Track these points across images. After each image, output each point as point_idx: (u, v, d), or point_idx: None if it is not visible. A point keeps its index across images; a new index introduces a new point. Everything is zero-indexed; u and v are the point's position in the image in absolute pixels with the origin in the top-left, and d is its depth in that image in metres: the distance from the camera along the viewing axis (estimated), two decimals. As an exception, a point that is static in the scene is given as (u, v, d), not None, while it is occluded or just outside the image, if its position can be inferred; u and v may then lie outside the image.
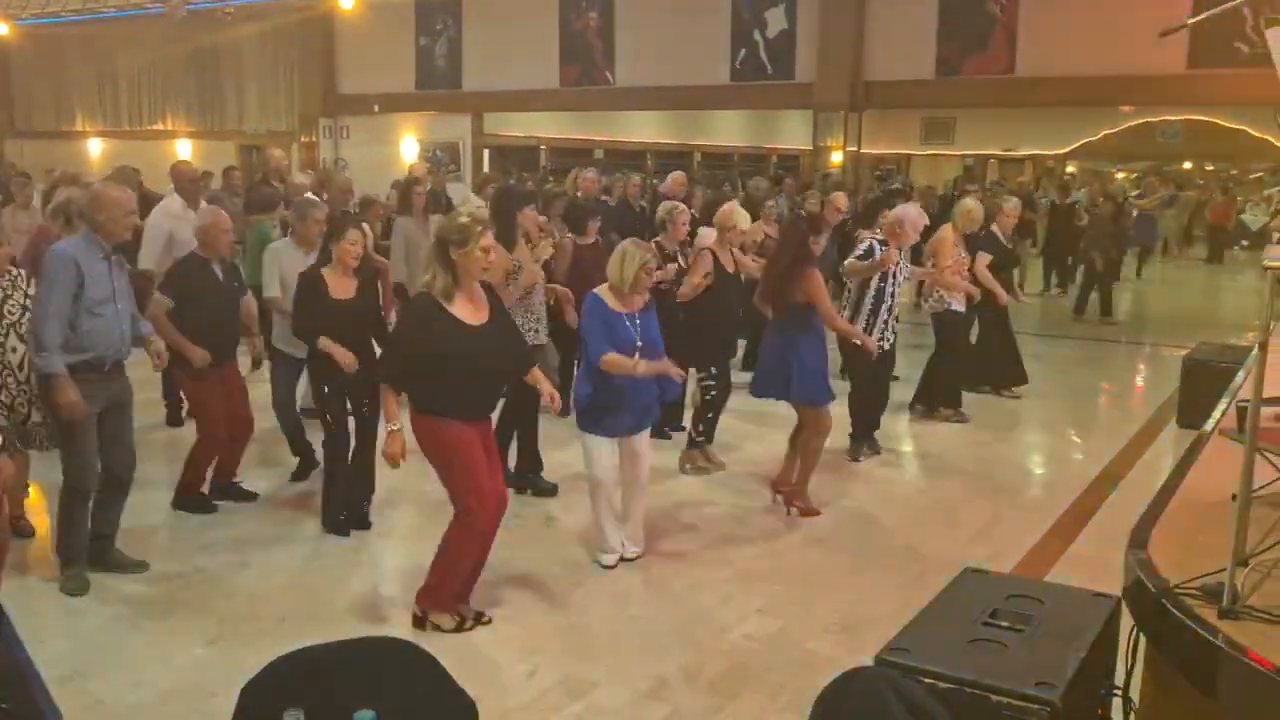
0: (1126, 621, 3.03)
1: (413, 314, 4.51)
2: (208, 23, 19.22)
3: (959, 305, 8.12)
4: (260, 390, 6.66)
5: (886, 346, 7.13)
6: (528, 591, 5.02)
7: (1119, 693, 3.26)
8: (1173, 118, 20.98)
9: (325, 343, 5.47)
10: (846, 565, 5.45)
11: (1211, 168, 29.72)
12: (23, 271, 5.30)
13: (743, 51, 16.46)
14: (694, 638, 4.57)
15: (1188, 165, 30.05)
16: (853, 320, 6.97)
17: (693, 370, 6.68)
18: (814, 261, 6.15)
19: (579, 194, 9.35)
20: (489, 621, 4.63)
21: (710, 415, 6.87)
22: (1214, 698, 2.48)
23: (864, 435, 7.26)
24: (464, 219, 4.46)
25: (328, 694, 2.15)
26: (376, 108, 19.67)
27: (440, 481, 4.57)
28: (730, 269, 6.82)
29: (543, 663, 4.32)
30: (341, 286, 5.56)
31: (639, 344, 5.13)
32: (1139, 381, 10.88)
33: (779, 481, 6.28)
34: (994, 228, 8.82)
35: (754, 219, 9.60)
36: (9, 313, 5.06)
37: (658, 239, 7.61)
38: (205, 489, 6.08)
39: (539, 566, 5.28)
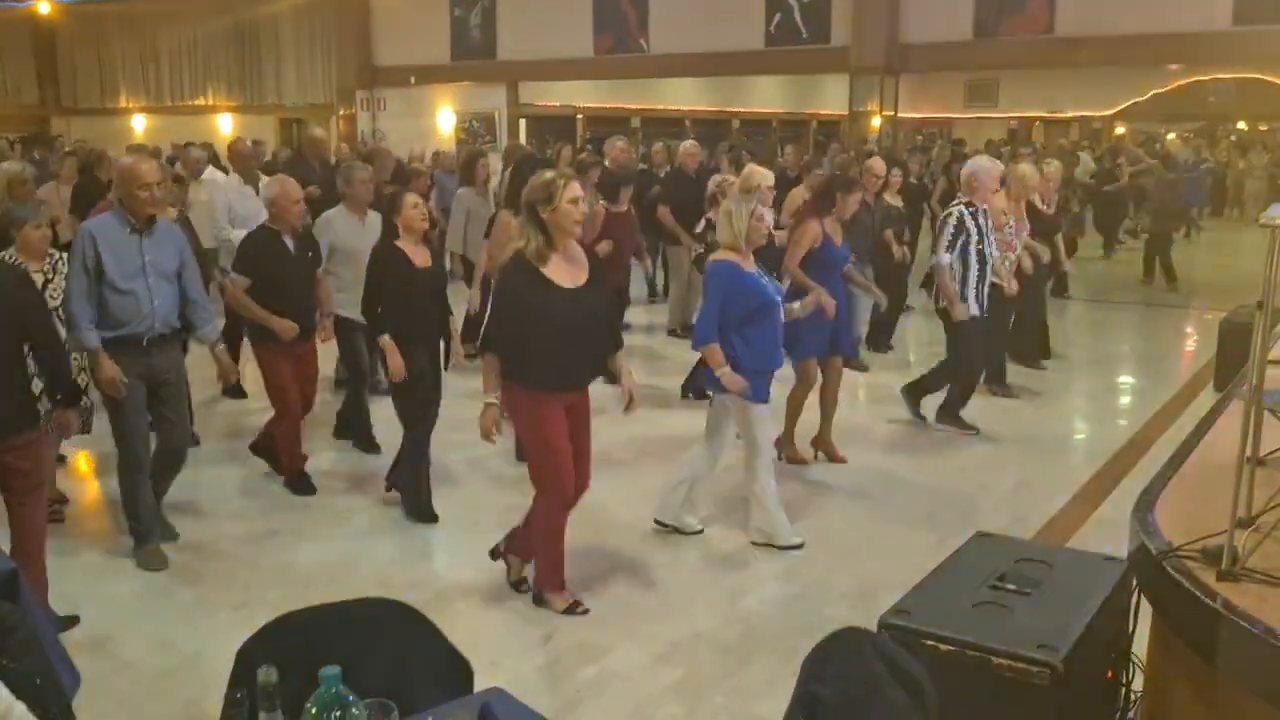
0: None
1: (507, 278, 4.27)
2: (245, -3, 19.40)
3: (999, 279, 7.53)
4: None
5: (977, 312, 6.86)
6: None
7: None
8: (1224, 76, 20.47)
9: (387, 343, 5.26)
10: (867, 532, 5.43)
11: (1265, 127, 28.97)
12: (63, 255, 5.23)
13: (777, 16, 16.27)
14: (709, 604, 4.60)
15: (1242, 125, 29.34)
16: (962, 288, 6.75)
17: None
18: (820, 214, 6.21)
19: (608, 163, 9.38)
20: (586, 611, 4.50)
21: None
22: (1211, 659, 2.46)
23: (955, 413, 7.10)
24: (547, 175, 4.27)
25: (322, 653, 2.18)
26: (413, 79, 19.72)
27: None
28: None
29: (559, 627, 4.36)
30: (419, 256, 5.37)
31: (779, 298, 5.09)
32: (1181, 345, 10.70)
33: (817, 439, 6.43)
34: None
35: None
36: (50, 297, 5.01)
37: (709, 215, 7.59)
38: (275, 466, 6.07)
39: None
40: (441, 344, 5.64)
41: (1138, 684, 3.21)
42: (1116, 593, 3.10)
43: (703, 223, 7.97)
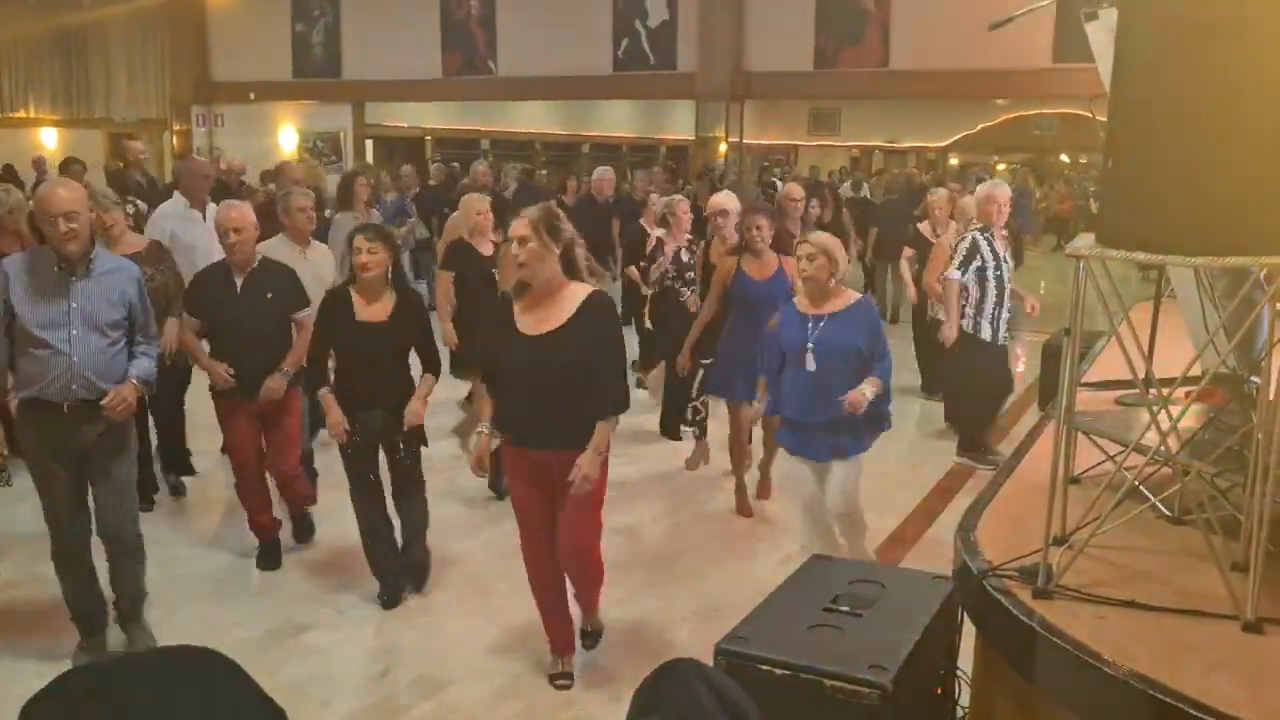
0: (963, 603, 3.08)
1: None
2: (71, 3, 18.45)
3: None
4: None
5: (1001, 342, 6.82)
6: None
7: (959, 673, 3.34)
8: (1046, 111, 21.67)
9: (325, 397, 4.65)
10: (708, 556, 5.45)
11: (1085, 160, 30.84)
12: None
13: (625, 41, 16.46)
14: (552, 632, 4.52)
15: (1064, 158, 31.17)
16: (977, 315, 6.67)
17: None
18: (738, 249, 6.12)
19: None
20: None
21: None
22: (1030, 675, 2.53)
23: (973, 444, 7.08)
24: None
25: (113, 707, 2.01)
26: (253, 95, 19.13)
27: None
28: None
29: (395, 662, 4.23)
30: (369, 308, 4.67)
31: (810, 345, 4.51)
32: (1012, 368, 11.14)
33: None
34: (921, 225, 8.67)
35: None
36: None
37: (658, 235, 7.32)
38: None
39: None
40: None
41: (965, 700, 3.29)
42: (943, 611, 3.18)
43: (673, 253, 7.10)
